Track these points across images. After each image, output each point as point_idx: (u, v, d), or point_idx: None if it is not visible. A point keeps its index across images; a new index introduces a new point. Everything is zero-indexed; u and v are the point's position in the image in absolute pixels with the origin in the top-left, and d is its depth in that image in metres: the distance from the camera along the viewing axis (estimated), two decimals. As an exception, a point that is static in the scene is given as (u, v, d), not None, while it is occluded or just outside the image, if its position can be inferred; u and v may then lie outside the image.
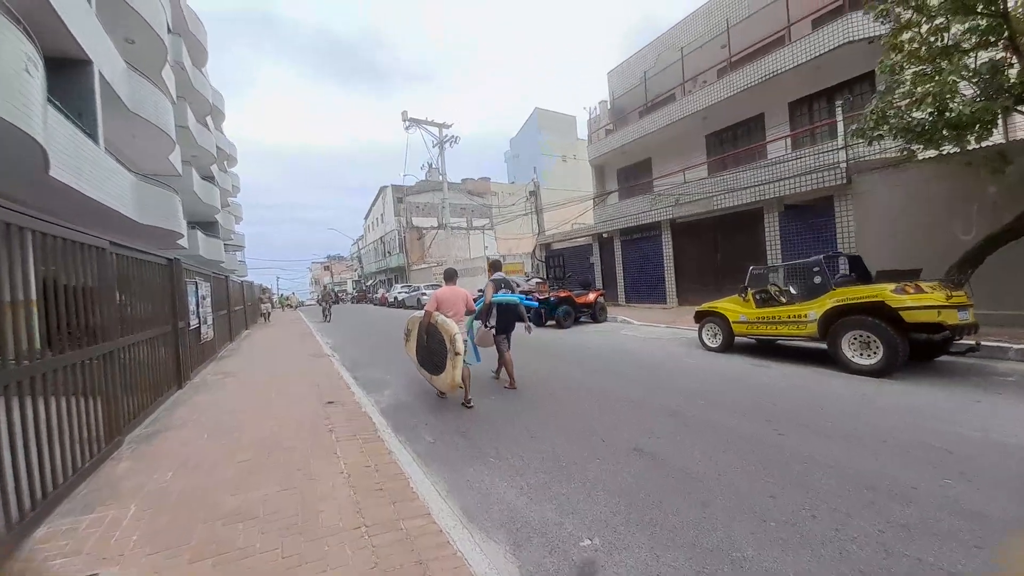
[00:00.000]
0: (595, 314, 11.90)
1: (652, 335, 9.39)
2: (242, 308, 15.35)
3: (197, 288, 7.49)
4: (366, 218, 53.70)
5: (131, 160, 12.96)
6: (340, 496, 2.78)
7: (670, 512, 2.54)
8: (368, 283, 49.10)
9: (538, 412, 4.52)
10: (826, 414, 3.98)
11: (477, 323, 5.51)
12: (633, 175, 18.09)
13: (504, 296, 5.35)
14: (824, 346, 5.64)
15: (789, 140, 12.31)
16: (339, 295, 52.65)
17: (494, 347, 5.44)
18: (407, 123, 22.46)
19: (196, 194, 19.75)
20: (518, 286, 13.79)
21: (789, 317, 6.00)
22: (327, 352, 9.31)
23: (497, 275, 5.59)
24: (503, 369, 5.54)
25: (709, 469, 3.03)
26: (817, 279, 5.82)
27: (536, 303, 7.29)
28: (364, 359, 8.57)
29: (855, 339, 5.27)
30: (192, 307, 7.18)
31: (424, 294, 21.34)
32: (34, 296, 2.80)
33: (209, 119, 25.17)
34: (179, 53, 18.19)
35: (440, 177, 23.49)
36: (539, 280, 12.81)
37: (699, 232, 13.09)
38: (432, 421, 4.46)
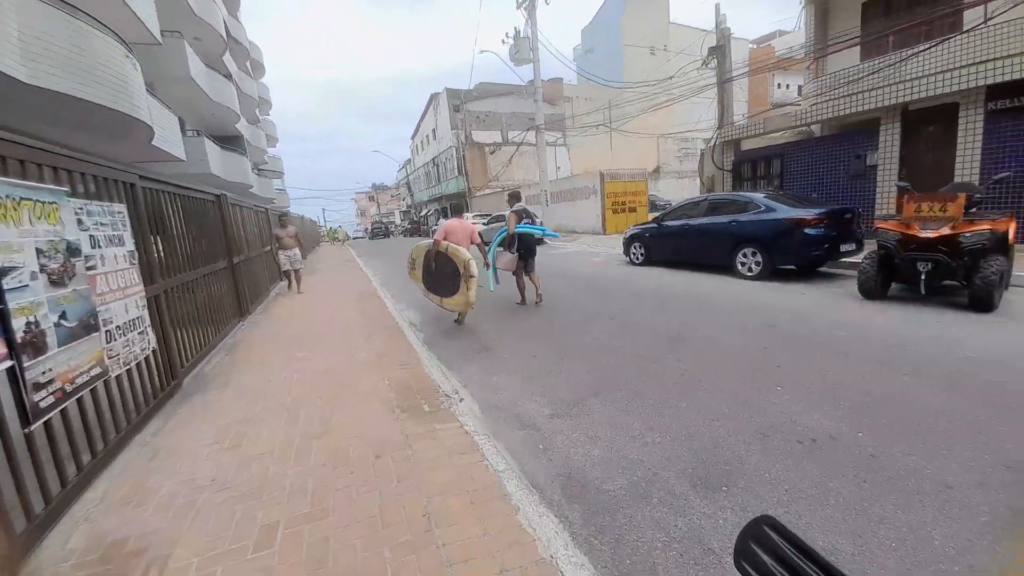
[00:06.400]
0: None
1: None
2: (265, 252, 8.72)
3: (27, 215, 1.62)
4: (413, 137, 46.39)
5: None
6: None
7: None
8: (422, 213, 43.27)
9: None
10: None
11: (499, 249, 6.03)
12: (903, 4, 10.01)
13: (526, 227, 5.92)
14: None
15: None
16: (388, 227, 47.52)
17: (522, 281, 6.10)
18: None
19: (198, 85, 13.81)
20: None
21: None
22: (440, 384, 3.48)
23: (518, 206, 6.03)
24: (527, 290, 6.18)
25: None
26: None
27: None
28: (542, 411, 2.65)
29: None
30: None
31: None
32: None
33: (212, -11, 18.48)
34: None
35: (530, 52, 15.93)
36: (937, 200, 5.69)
37: None
38: None
